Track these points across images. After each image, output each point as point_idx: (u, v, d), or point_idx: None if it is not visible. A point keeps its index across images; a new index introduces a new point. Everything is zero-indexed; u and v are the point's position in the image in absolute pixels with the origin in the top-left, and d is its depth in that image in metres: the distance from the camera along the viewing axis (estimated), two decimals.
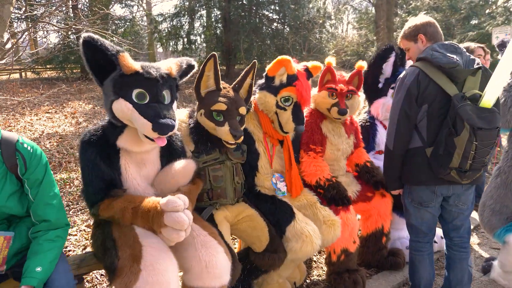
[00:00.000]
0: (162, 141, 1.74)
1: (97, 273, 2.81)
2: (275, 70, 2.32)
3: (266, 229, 2.19)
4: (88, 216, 3.74)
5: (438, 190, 2.22)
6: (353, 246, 2.58)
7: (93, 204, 1.82)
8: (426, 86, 2.10)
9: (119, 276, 1.57)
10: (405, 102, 2.14)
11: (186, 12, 14.69)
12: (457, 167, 2.02)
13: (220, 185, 2.22)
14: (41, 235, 1.66)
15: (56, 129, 7.00)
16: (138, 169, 1.89)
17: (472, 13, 13.69)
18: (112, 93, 1.70)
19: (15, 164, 1.63)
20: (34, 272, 1.53)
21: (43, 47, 6.70)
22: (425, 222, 2.33)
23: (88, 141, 1.80)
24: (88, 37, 1.62)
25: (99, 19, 5.78)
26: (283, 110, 2.33)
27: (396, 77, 2.93)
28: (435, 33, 2.23)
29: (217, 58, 2.13)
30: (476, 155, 1.96)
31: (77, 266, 1.92)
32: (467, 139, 1.93)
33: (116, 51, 1.66)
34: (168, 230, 1.61)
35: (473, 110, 1.93)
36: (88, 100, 9.64)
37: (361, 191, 2.77)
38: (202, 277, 1.72)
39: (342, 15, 18.84)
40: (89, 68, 1.70)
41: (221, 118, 2.10)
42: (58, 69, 13.36)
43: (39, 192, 1.67)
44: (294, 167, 2.47)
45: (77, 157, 5.52)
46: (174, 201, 1.59)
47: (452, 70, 2.04)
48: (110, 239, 1.73)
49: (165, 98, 1.78)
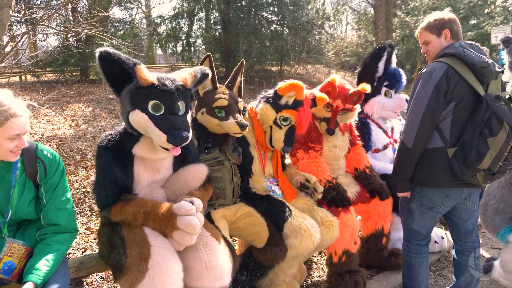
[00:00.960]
0: (176, 151, 1.77)
1: (97, 276, 2.80)
2: (286, 91, 2.33)
3: (264, 224, 2.21)
4: (88, 219, 3.74)
5: (452, 194, 2.15)
6: (354, 247, 2.58)
7: (104, 207, 1.86)
8: (456, 83, 2.00)
9: (125, 274, 1.60)
10: (432, 97, 2.01)
11: (185, 14, 14.73)
12: (486, 169, 1.96)
13: (219, 186, 2.24)
14: (50, 236, 1.69)
15: (56, 132, 7.00)
16: (151, 176, 1.94)
17: (471, 13, 13.73)
18: (129, 104, 1.74)
19: (35, 171, 1.68)
20: (40, 271, 1.54)
21: (43, 50, 6.71)
22: (425, 226, 2.29)
23: (104, 147, 1.85)
24: (105, 52, 1.64)
25: (98, 21, 5.79)
26: (278, 127, 2.37)
27: (388, 75, 2.98)
28: (459, 32, 2.16)
29: (212, 58, 2.21)
30: (508, 157, 1.91)
31: (77, 269, 1.92)
32: (503, 140, 1.87)
33: (133, 63, 1.70)
34: (180, 234, 1.65)
35: (510, 111, 1.88)
36: (88, 103, 9.64)
37: (360, 192, 2.76)
38: (202, 277, 1.72)
39: (341, 16, 18.88)
40: (106, 80, 1.73)
41: (223, 113, 2.17)
42: (58, 72, 13.37)
43: (52, 196, 1.72)
44: (281, 176, 2.53)
45: (77, 160, 5.52)
46: (187, 205, 1.65)
47: (484, 70, 1.97)
48: (118, 236, 1.76)
49: (180, 109, 1.82)
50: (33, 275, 1.52)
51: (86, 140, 6.59)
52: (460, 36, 2.17)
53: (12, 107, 1.48)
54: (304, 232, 2.15)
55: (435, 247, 3.16)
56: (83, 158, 5.61)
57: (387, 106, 2.98)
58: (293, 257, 2.28)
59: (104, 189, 1.84)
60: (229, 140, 2.33)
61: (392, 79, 2.99)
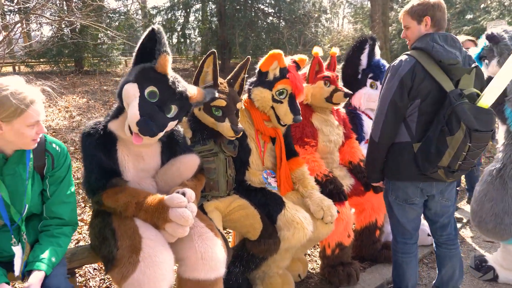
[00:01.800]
0: (137, 140, 1.73)
1: (90, 267, 2.79)
2: (268, 64, 2.33)
3: (258, 216, 2.20)
4: (81, 211, 3.72)
5: (422, 187, 2.15)
6: (347, 240, 2.60)
7: (94, 192, 1.85)
8: (421, 80, 1.97)
9: (117, 266, 1.59)
10: (396, 92, 2.01)
11: (181, 6, 14.60)
12: (445, 166, 1.95)
13: (213, 177, 2.23)
14: (54, 228, 1.67)
15: (49, 123, 6.95)
16: (135, 162, 1.92)
17: (467, 8, 13.72)
18: (134, 76, 1.77)
19: (43, 163, 1.66)
20: (50, 261, 1.53)
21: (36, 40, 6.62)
22: (411, 221, 2.26)
23: (87, 133, 1.86)
24: (157, 27, 1.77)
25: (92, 11, 5.71)
26: (279, 103, 2.34)
27: (372, 67, 3.00)
28: (441, 20, 2.06)
29: (216, 56, 2.18)
30: (467, 156, 1.88)
31: (69, 260, 1.91)
32: (461, 139, 1.84)
33: (165, 50, 1.76)
34: (173, 226, 1.64)
35: (471, 110, 1.84)
36: (82, 94, 9.57)
37: (355, 185, 2.77)
38: (197, 268, 1.72)
39: (338, 9, 18.81)
40: (137, 49, 1.82)
41: (220, 113, 2.15)
42: (52, 62, 13.24)
43: (58, 189, 1.70)
44: (284, 165, 2.49)
45: (71, 151, 5.48)
46: (179, 197, 1.64)
47: (451, 67, 1.94)
48: (109, 228, 1.75)
49: (171, 111, 1.82)
50: (43, 264, 1.50)
51: (80, 132, 6.54)
52: (443, 24, 2.08)
53: (29, 95, 1.48)
54: (297, 224, 2.15)
55: (427, 240, 3.18)
56: (77, 149, 5.58)
57: (373, 97, 3.00)
58: (286, 250, 2.29)
59: (93, 173, 1.83)
60: None
61: (376, 71, 3.03)
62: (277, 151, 2.50)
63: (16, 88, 1.45)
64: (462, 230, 3.85)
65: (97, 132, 1.86)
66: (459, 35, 4.87)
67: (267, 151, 2.51)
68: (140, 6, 15.90)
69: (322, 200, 2.32)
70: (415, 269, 2.33)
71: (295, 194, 2.48)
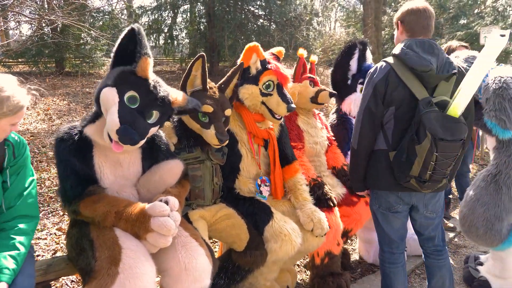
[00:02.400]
0: (117, 148, 1.71)
1: (67, 279, 2.74)
2: (247, 59, 2.36)
3: (245, 226, 2.19)
4: (59, 219, 3.66)
5: (402, 196, 2.16)
6: (337, 249, 2.60)
7: (70, 201, 1.81)
8: (395, 88, 2.01)
9: (94, 278, 1.55)
10: (371, 99, 2.06)
11: (168, 6, 14.56)
12: (416, 176, 1.96)
13: (198, 185, 2.21)
14: (10, 228, 1.64)
15: (27, 127, 6.83)
16: (113, 169, 1.89)
17: (460, 13, 13.98)
18: (112, 79, 1.74)
19: (2, 154, 1.68)
20: (8, 269, 1.50)
21: (14, 39, 6.53)
22: (396, 230, 2.28)
23: (61, 139, 1.83)
24: (137, 27, 1.73)
25: (74, 10, 5.67)
26: (269, 96, 2.36)
27: (362, 72, 3.05)
28: (415, 24, 2.06)
29: (205, 59, 2.18)
30: (436, 166, 1.89)
31: (44, 271, 1.87)
32: (427, 148, 1.85)
33: (145, 52, 1.73)
34: (154, 236, 1.62)
35: (437, 118, 1.85)
36: (63, 97, 9.45)
37: (346, 195, 2.78)
38: (181, 279, 1.70)
39: (330, 12, 18.98)
40: (115, 49, 1.78)
41: (206, 119, 2.13)
42: (31, 63, 13.03)
43: (16, 180, 1.71)
44: (278, 168, 2.47)
45: (50, 156, 5.39)
46: (161, 205, 1.62)
47: (424, 74, 1.95)
48: (87, 239, 1.71)
49: (152, 117, 1.80)
50: (4, 275, 1.47)
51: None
52: (417, 29, 2.06)
53: (21, 99, 1.58)
54: (285, 236, 2.14)
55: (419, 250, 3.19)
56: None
57: None
58: (273, 262, 2.28)
59: (67, 180, 1.81)
60: None
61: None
62: (270, 154, 2.48)
63: (13, 92, 1.55)
64: (455, 239, 3.89)
65: (72, 137, 1.83)
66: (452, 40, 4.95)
67: (261, 154, 2.50)
68: (126, 6, 15.83)
69: (314, 212, 2.32)
70: (403, 279, 2.34)
71: (286, 203, 2.47)
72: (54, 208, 3.87)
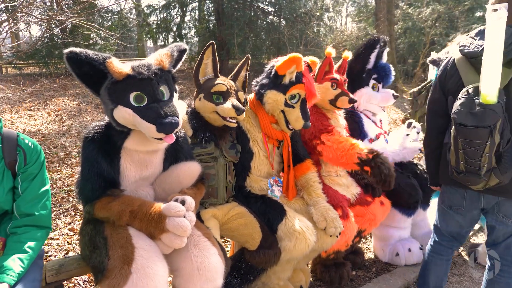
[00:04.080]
0: (171, 139, 1.74)
1: (79, 279, 2.77)
2: (286, 68, 2.30)
3: (257, 225, 2.18)
4: (71, 219, 3.70)
5: (468, 195, 2.07)
6: (344, 248, 2.66)
7: (88, 202, 1.83)
8: (451, 76, 2.01)
9: (107, 277, 1.56)
10: (434, 91, 2.12)
11: (176, 4, 14.64)
12: (454, 167, 1.93)
13: (212, 184, 2.22)
14: (22, 232, 1.65)
15: (38, 128, 6.94)
16: (138, 171, 1.91)
17: (476, 5, 13.77)
18: (110, 101, 1.71)
19: (14, 159, 1.67)
20: (13, 271, 1.51)
21: (24, 40, 6.63)
22: (450, 227, 2.23)
23: (91, 138, 1.83)
24: (70, 52, 1.63)
25: (83, 10, 5.72)
26: (291, 107, 2.33)
27: (378, 68, 3.03)
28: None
29: (215, 46, 2.24)
30: (465, 155, 1.84)
31: (56, 271, 1.88)
32: (453, 135, 1.87)
33: (102, 59, 1.67)
34: (170, 236, 1.62)
35: (465, 104, 1.81)
36: (73, 97, 9.57)
37: (361, 194, 2.76)
38: (193, 279, 1.70)
39: (341, 7, 18.87)
40: (81, 82, 1.71)
41: (220, 100, 2.18)
42: (41, 64, 13.24)
43: (29, 187, 1.70)
44: (291, 170, 2.48)
45: (61, 157, 5.47)
46: (176, 205, 1.63)
47: (474, 60, 1.91)
48: (101, 236, 1.72)
49: (164, 94, 1.79)
50: (7, 275, 1.49)
51: (70, 136, 6.54)
52: None
53: None
54: (299, 234, 2.13)
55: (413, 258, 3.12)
56: (67, 155, 5.57)
57: (373, 99, 3.02)
58: (287, 261, 2.27)
59: (89, 182, 1.81)
60: (227, 135, 2.30)
61: (382, 72, 3.05)
62: (284, 156, 2.48)
63: None
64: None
65: (101, 138, 1.83)
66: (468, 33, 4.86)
67: (275, 155, 2.51)
68: (134, 5, 15.96)
69: (327, 210, 2.30)
70: (441, 274, 2.31)
71: (299, 201, 2.47)
72: (66, 209, 3.92)
